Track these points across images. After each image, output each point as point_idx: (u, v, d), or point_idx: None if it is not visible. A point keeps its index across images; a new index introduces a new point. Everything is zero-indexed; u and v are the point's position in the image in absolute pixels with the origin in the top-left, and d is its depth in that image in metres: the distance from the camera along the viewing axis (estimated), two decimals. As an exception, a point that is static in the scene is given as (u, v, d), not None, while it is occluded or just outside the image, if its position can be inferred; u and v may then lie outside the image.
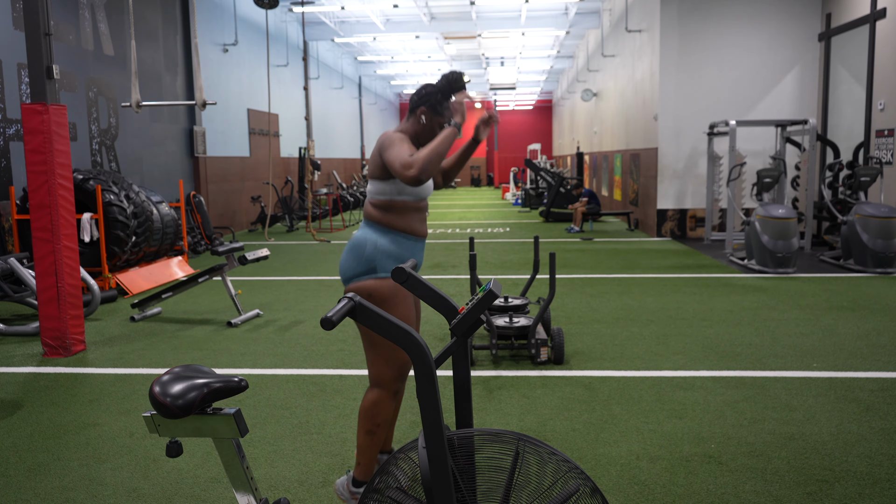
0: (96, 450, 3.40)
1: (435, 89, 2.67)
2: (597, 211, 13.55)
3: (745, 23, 11.32)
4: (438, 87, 2.66)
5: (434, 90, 2.67)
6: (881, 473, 3.02)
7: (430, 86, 2.68)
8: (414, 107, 2.69)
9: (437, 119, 2.66)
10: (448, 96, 2.66)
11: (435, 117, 2.66)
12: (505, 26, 17.61)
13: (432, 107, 2.65)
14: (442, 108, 2.66)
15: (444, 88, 2.65)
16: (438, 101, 2.66)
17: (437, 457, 2.01)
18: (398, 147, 2.54)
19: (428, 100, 2.66)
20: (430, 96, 2.66)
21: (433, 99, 2.66)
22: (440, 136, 2.50)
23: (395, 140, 2.57)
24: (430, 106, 2.65)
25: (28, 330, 5.63)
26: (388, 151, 2.55)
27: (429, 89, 2.67)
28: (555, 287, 4.98)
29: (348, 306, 1.99)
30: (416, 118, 2.67)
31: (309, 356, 4.98)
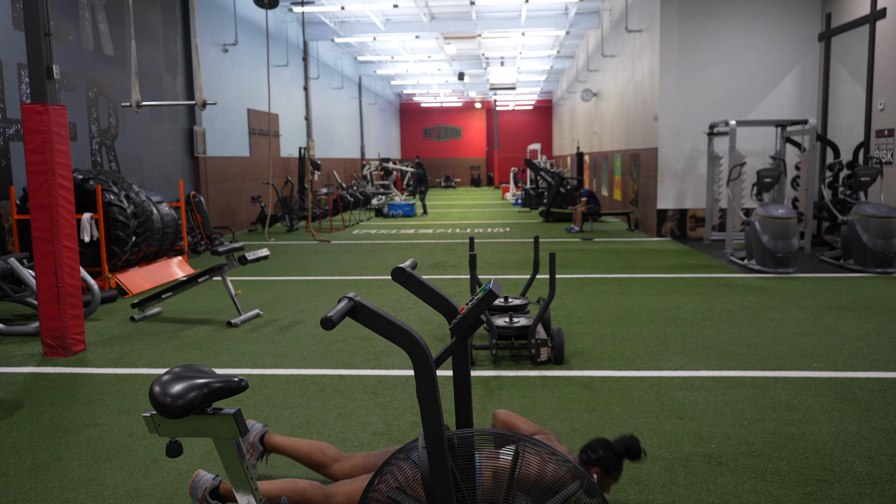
0: (96, 450, 3.40)
1: (613, 454, 2.60)
2: (597, 211, 13.55)
3: (745, 23, 11.32)
4: (617, 453, 2.60)
5: (612, 455, 2.60)
6: (881, 473, 3.02)
7: (609, 449, 2.60)
8: (588, 462, 2.62)
9: (608, 480, 2.62)
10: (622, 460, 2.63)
11: (605, 478, 2.62)
12: (505, 26, 17.61)
13: (607, 470, 2.61)
14: (615, 470, 2.62)
15: (622, 455, 2.61)
16: (614, 467, 2.61)
17: (437, 457, 2.01)
18: None
19: (603, 463, 2.59)
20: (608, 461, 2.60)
21: (609, 463, 2.60)
22: None
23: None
24: (604, 469, 2.60)
25: (28, 330, 5.63)
26: None
27: (608, 453, 2.59)
28: (555, 287, 4.98)
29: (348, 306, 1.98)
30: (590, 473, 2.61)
31: (309, 356, 4.98)
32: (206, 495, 2.63)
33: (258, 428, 2.96)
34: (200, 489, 2.65)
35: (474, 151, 38.63)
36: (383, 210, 17.61)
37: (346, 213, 18.37)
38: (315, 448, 2.87)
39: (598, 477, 2.61)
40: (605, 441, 2.63)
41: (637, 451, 2.60)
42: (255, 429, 2.96)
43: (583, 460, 2.65)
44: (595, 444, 2.63)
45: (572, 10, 16.62)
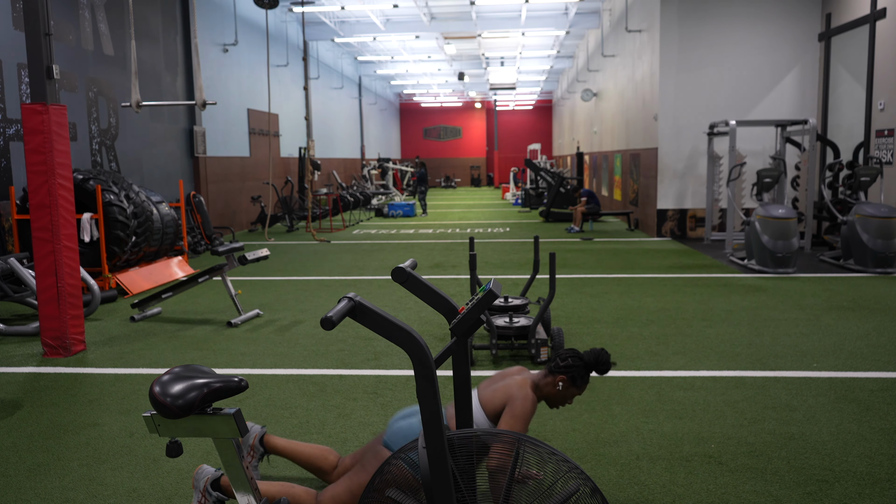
0: (96, 450, 3.40)
1: (581, 364, 2.69)
2: (596, 211, 13.55)
3: (745, 23, 11.32)
4: (585, 363, 2.69)
5: (580, 364, 2.69)
6: (881, 473, 3.02)
7: (578, 360, 2.70)
8: (556, 370, 2.72)
9: (573, 390, 2.71)
10: (590, 371, 2.70)
11: (571, 388, 2.70)
12: (505, 26, 17.60)
13: (573, 380, 2.69)
14: (581, 382, 2.70)
15: (590, 365, 2.69)
16: (581, 377, 2.70)
17: (437, 457, 2.01)
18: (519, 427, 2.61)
19: (571, 372, 2.69)
20: (576, 370, 2.69)
21: (577, 373, 2.69)
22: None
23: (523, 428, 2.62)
24: (571, 378, 2.69)
25: (28, 330, 5.63)
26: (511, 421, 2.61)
27: (576, 362, 2.69)
28: (555, 287, 4.98)
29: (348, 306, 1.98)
30: (554, 381, 2.71)
31: (309, 356, 4.98)
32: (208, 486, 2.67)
33: (257, 430, 2.95)
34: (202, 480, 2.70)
35: (474, 151, 38.63)
36: (383, 210, 17.61)
37: (346, 213, 18.37)
38: (316, 453, 2.86)
39: (564, 385, 2.69)
40: (574, 351, 2.73)
41: (606, 364, 2.68)
42: (253, 431, 2.95)
43: (550, 368, 2.73)
44: (565, 353, 2.73)
45: (572, 10, 16.62)
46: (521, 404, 2.62)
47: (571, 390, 2.70)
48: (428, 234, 13.05)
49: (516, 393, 2.65)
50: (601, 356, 2.68)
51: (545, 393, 2.73)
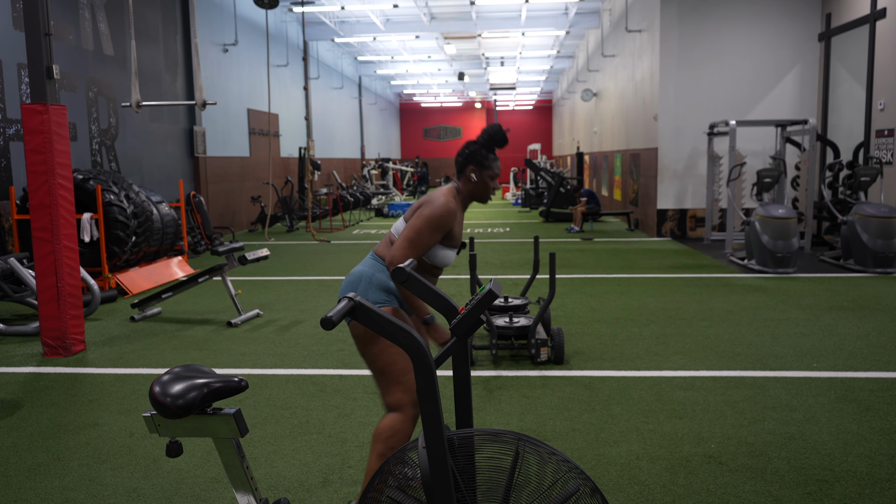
0: (96, 450, 3.40)
1: (478, 146, 2.68)
2: (596, 211, 13.55)
3: (745, 23, 11.32)
4: (482, 143, 2.68)
5: (478, 147, 2.68)
6: (881, 473, 3.02)
7: (474, 143, 2.69)
8: (462, 167, 2.71)
9: (487, 173, 2.69)
10: (492, 150, 2.69)
11: (484, 171, 2.69)
12: (505, 26, 17.60)
13: (479, 163, 2.68)
14: (489, 161, 2.68)
15: (487, 143, 2.68)
16: (484, 157, 2.68)
17: (437, 457, 2.01)
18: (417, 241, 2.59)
19: (474, 158, 2.68)
20: (476, 154, 2.68)
21: (479, 156, 2.68)
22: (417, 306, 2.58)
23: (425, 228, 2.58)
24: (477, 163, 2.68)
25: (28, 330, 5.63)
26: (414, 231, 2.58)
27: (472, 147, 2.69)
28: (555, 287, 4.98)
29: (348, 306, 1.99)
30: (467, 176, 2.70)
31: (309, 356, 4.98)
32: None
33: None
34: None
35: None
36: (383, 210, 17.61)
37: (346, 213, 18.37)
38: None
39: (476, 174, 2.69)
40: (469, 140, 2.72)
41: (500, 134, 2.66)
42: None
43: (458, 170, 2.72)
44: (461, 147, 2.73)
45: (572, 10, 16.62)
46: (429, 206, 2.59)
47: (485, 174, 2.68)
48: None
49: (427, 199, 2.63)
50: (492, 130, 2.66)
51: (468, 192, 2.71)
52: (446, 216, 2.61)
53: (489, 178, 2.70)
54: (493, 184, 2.73)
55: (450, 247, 2.70)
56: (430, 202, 2.62)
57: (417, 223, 2.58)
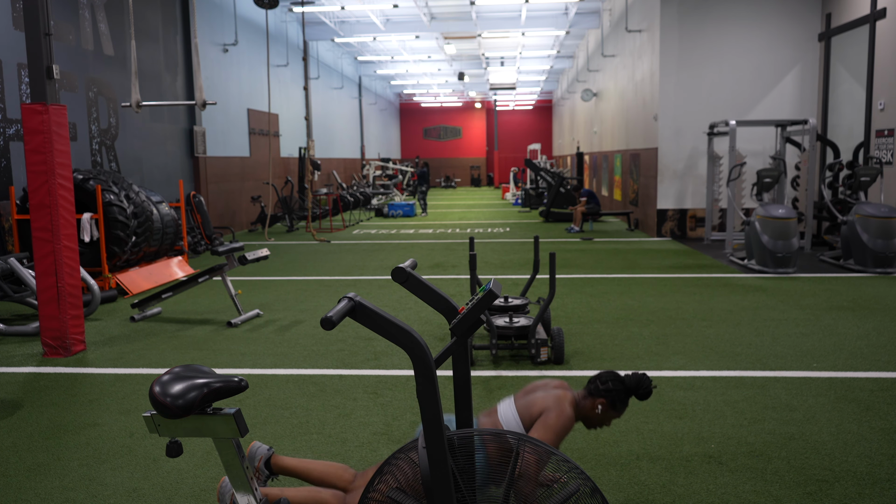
0: (96, 450, 3.40)
1: (622, 389, 2.65)
2: (596, 211, 13.54)
3: (745, 23, 11.32)
4: (627, 388, 2.65)
5: (621, 390, 2.65)
6: (881, 473, 3.02)
7: (619, 382, 2.65)
8: (595, 393, 2.67)
9: (612, 413, 2.67)
10: (630, 396, 2.67)
11: (610, 411, 2.67)
12: (505, 26, 17.60)
13: (613, 404, 2.66)
14: (621, 406, 2.67)
15: (630, 391, 2.66)
16: (622, 401, 2.66)
17: (437, 457, 2.01)
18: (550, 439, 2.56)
19: (612, 396, 2.65)
20: (616, 394, 2.65)
21: (617, 397, 2.65)
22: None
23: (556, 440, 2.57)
24: (611, 402, 2.65)
25: (28, 330, 5.63)
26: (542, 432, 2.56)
27: (617, 386, 2.65)
28: (555, 287, 4.98)
29: (348, 306, 1.98)
30: (594, 403, 2.66)
31: (309, 356, 4.98)
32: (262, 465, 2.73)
33: (263, 451, 2.82)
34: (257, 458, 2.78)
35: (474, 151, 38.63)
36: (383, 210, 17.61)
37: (346, 213, 18.37)
38: (330, 471, 2.73)
39: (603, 408, 2.65)
40: (615, 374, 2.67)
41: (647, 390, 2.63)
42: (259, 452, 2.82)
43: (590, 391, 2.69)
44: (605, 375, 2.68)
45: (572, 10, 16.62)
46: (555, 416, 2.57)
47: (610, 413, 2.65)
48: (428, 234, 13.05)
49: (553, 405, 2.60)
50: (643, 382, 2.63)
51: (584, 413, 2.68)
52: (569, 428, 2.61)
53: (610, 419, 2.69)
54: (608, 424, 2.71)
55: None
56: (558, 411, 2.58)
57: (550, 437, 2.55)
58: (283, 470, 2.80)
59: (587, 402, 2.67)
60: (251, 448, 2.87)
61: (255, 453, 2.85)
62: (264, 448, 2.86)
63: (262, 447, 2.87)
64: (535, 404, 2.63)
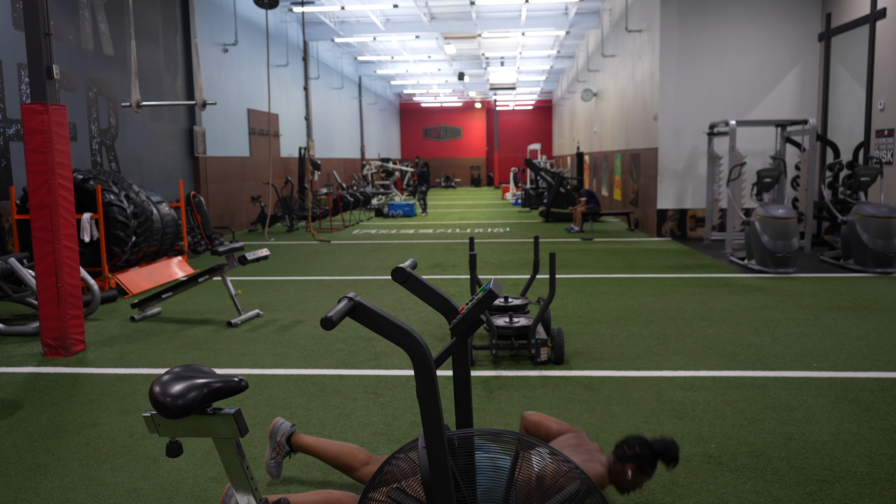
0: (96, 450, 3.40)
1: (651, 453, 2.64)
2: (596, 211, 13.54)
3: (745, 23, 11.32)
4: (655, 452, 2.65)
5: (650, 454, 2.64)
6: (881, 473, 3.02)
7: (647, 447, 2.65)
8: (623, 458, 2.66)
9: (642, 477, 2.66)
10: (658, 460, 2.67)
11: (640, 475, 2.66)
12: (505, 26, 17.60)
13: (643, 468, 2.65)
14: (650, 468, 2.66)
15: (658, 454, 2.66)
16: (651, 465, 2.65)
17: (437, 457, 2.01)
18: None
19: (639, 461, 2.64)
20: (645, 459, 2.64)
21: (645, 462, 2.64)
22: None
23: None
24: (640, 466, 2.64)
25: (28, 330, 5.63)
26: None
27: (646, 451, 2.64)
28: (555, 287, 4.98)
29: (348, 306, 1.98)
30: (623, 469, 2.65)
31: (309, 356, 4.98)
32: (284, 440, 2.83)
33: (286, 427, 2.95)
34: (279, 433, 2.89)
35: (474, 151, 38.63)
36: (383, 210, 17.61)
37: (346, 213, 18.37)
38: (344, 450, 2.84)
39: (633, 473, 2.64)
40: (642, 439, 2.67)
41: (675, 456, 2.64)
42: (282, 428, 2.95)
43: (618, 456, 2.68)
44: (632, 440, 2.67)
45: (572, 10, 16.62)
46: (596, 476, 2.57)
47: (640, 477, 2.65)
48: (428, 234, 13.05)
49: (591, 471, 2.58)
50: (671, 448, 2.63)
51: (615, 478, 2.68)
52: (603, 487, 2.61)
53: (641, 482, 2.67)
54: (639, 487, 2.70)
55: None
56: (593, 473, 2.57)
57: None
58: (302, 448, 2.92)
59: (616, 467, 2.67)
60: (275, 423, 3.00)
61: (278, 428, 2.97)
62: (287, 425, 2.97)
63: (284, 423, 2.98)
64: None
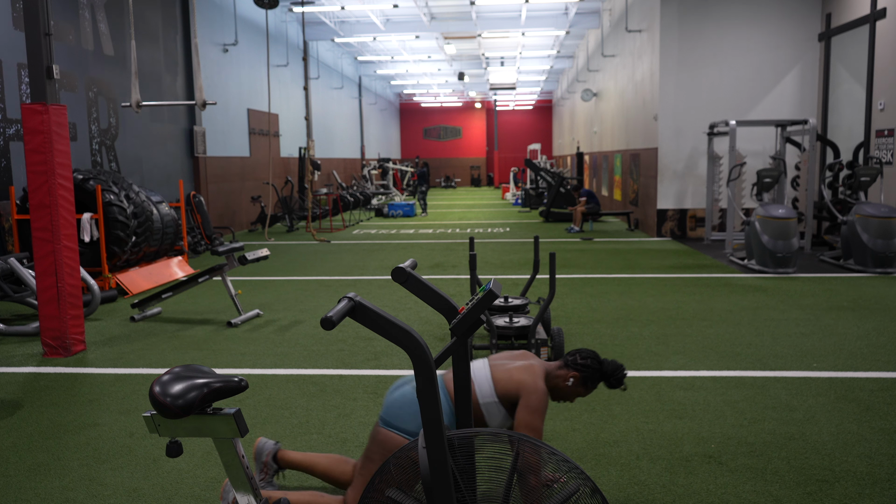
0: (96, 450, 3.40)
1: (598, 370, 2.69)
2: (596, 211, 13.54)
3: (745, 23, 11.32)
4: (603, 373, 2.69)
5: (597, 371, 2.69)
6: (881, 473, 3.02)
7: (597, 363, 2.70)
8: (572, 365, 2.71)
9: (580, 390, 2.71)
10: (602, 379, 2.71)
11: (580, 388, 2.71)
12: (505, 26, 17.60)
13: (585, 382, 2.70)
14: (590, 386, 2.71)
15: (603, 376, 2.70)
16: (593, 381, 2.70)
17: (437, 457, 2.01)
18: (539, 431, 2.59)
19: (586, 373, 2.69)
20: (590, 373, 2.69)
21: (590, 376, 2.69)
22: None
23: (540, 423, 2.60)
24: (583, 380, 2.69)
25: (28, 330, 5.63)
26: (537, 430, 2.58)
27: (593, 366, 2.69)
28: (555, 287, 4.98)
29: (348, 306, 1.98)
30: (567, 375, 2.70)
31: (309, 356, 4.98)
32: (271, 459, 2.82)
33: (270, 446, 2.89)
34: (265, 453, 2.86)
35: (474, 151, 38.63)
36: (383, 210, 17.61)
37: (346, 213, 18.37)
38: (333, 464, 2.80)
39: (574, 382, 2.69)
40: (595, 354, 2.72)
41: (620, 380, 2.68)
42: (266, 447, 2.90)
43: (567, 362, 2.73)
44: (586, 352, 2.73)
45: (572, 10, 16.62)
46: (535, 399, 2.60)
47: (579, 389, 2.70)
48: (428, 234, 13.05)
49: (530, 385, 2.62)
50: (618, 371, 2.67)
51: (553, 384, 2.72)
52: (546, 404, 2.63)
53: (576, 395, 2.73)
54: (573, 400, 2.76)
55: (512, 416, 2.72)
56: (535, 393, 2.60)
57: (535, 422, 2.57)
58: (290, 464, 2.88)
59: (560, 373, 2.71)
60: (258, 444, 2.95)
61: (262, 449, 2.93)
62: (271, 443, 2.93)
63: (268, 442, 2.94)
64: (511, 378, 2.65)
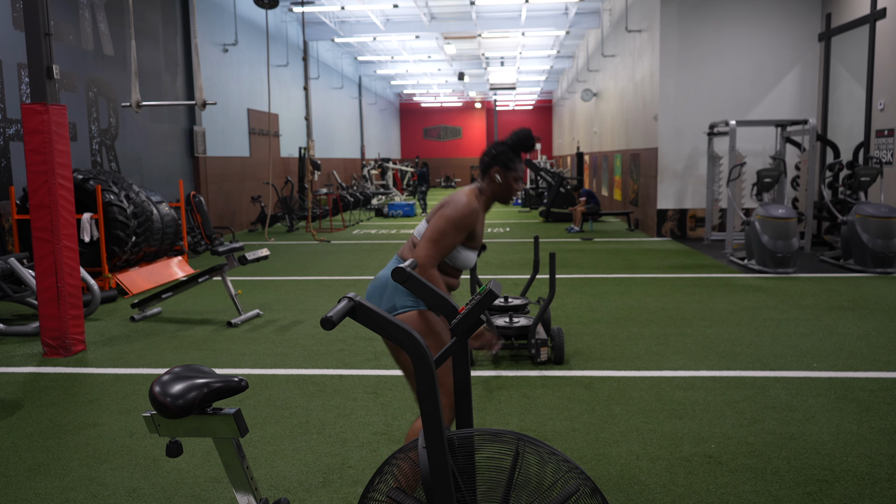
0: (96, 450, 3.40)
1: (505, 147, 2.68)
2: (596, 211, 13.54)
3: (745, 23, 11.32)
4: (509, 145, 2.68)
5: (505, 149, 2.68)
6: (881, 473, 3.02)
7: (501, 144, 2.69)
8: (487, 167, 2.70)
9: (511, 174, 2.68)
10: (518, 153, 2.69)
11: (509, 174, 2.68)
12: (505, 26, 17.60)
13: (505, 165, 2.67)
14: (514, 164, 2.68)
15: (514, 146, 2.68)
16: (510, 158, 2.68)
17: (437, 457, 2.01)
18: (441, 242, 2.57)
19: (500, 159, 2.67)
20: (502, 155, 2.67)
21: (505, 157, 2.67)
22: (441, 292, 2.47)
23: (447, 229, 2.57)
24: (502, 164, 2.67)
25: (28, 330, 5.63)
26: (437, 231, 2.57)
27: (499, 148, 2.68)
28: (555, 287, 4.98)
29: (348, 306, 1.98)
30: (491, 177, 2.69)
31: (309, 356, 4.98)
32: None
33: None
34: None
35: (474, 151, 38.63)
36: (383, 210, 17.61)
37: (346, 213, 18.37)
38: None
39: (501, 175, 2.68)
40: (496, 142, 2.71)
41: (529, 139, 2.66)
42: None
43: (482, 170, 2.72)
44: (487, 147, 2.72)
45: (572, 10, 16.62)
46: (451, 208, 2.58)
47: (510, 175, 2.67)
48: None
49: (450, 198, 2.61)
50: (520, 133, 2.66)
51: (491, 192, 2.70)
52: (469, 216, 2.59)
53: (513, 181, 2.70)
54: (517, 185, 2.73)
55: (471, 248, 2.68)
56: (453, 202, 2.60)
57: (440, 224, 2.56)
58: None
59: (486, 179, 2.70)
60: None
61: None
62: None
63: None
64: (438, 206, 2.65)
